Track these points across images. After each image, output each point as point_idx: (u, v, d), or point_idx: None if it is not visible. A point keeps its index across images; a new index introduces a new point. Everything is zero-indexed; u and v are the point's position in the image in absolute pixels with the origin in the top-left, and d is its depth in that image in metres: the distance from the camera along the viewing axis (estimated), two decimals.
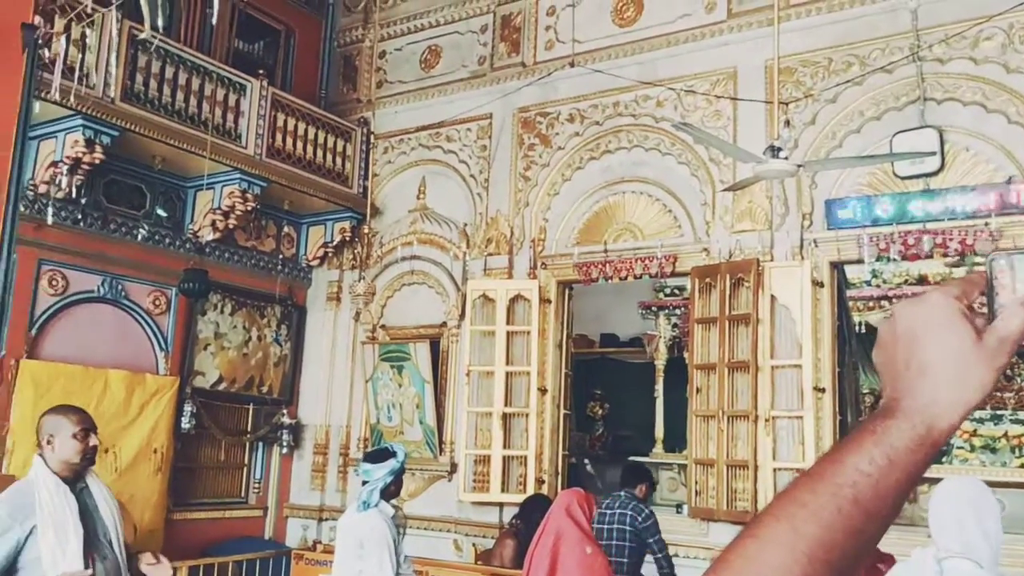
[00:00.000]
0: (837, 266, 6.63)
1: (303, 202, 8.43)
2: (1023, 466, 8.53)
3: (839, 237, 6.39)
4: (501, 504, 7.36)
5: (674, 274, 7.27)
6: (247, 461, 8.58)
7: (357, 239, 8.74)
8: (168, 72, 7.08)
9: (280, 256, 8.70)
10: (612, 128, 7.51)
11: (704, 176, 6.97)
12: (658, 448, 10.26)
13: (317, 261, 8.93)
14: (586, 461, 10.91)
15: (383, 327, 8.55)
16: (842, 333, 6.77)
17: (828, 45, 6.63)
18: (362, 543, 4.11)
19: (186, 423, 7.63)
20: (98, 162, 6.62)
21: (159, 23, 4.76)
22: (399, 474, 4.29)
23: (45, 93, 5.67)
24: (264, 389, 8.56)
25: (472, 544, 7.37)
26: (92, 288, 7.18)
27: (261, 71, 7.95)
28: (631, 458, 9.67)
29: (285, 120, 8.04)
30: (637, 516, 5.30)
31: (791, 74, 6.67)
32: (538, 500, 5.74)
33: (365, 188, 8.70)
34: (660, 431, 10.35)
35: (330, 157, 8.46)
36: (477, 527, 7.50)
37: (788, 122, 5.95)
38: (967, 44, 6.07)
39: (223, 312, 8.19)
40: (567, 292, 7.79)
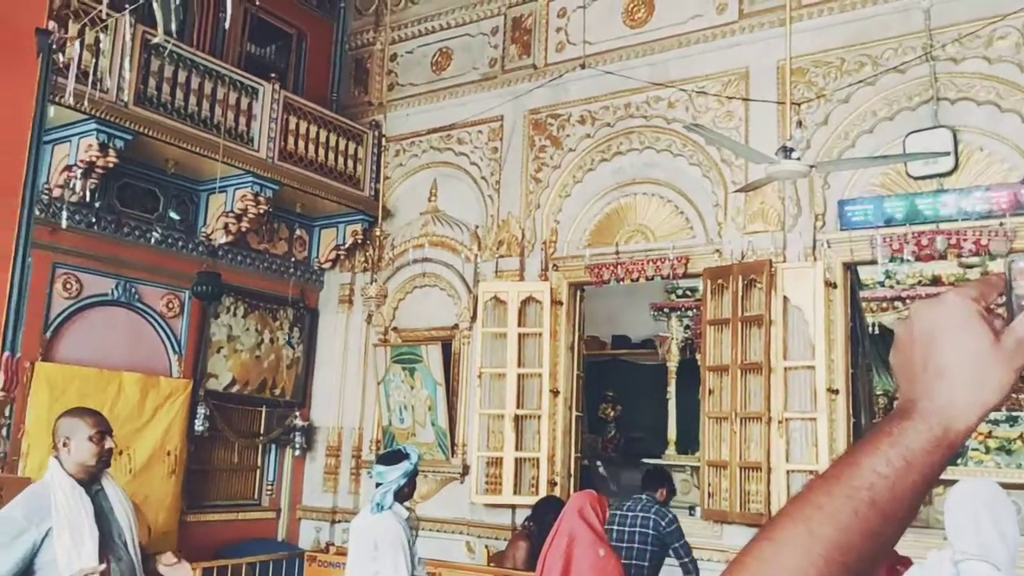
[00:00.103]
0: (850, 267, 6.59)
1: (315, 205, 8.46)
2: None
3: (852, 238, 6.35)
4: (513, 506, 7.36)
5: (686, 275, 7.24)
6: (260, 463, 8.62)
7: (369, 242, 8.77)
8: (181, 76, 7.12)
9: (292, 259, 8.74)
10: (623, 129, 7.49)
11: (716, 177, 6.95)
12: (670, 450, 10.23)
13: (329, 264, 8.95)
14: (598, 463, 10.90)
15: (395, 329, 8.56)
16: (855, 334, 6.73)
17: (840, 45, 6.60)
18: (376, 545, 4.11)
19: (199, 425, 7.66)
20: (112, 166, 6.66)
21: (172, 27, 4.79)
22: (413, 476, 4.30)
23: (59, 97, 5.70)
24: (277, 391, 8.58)
25: (484, 546, 7.37)
26: (106, 291, 7.22)
27: (273, 75, 7.98)
28: (644, 460, 9.68)
29: (297, 123, 8.07)
30: (661, 521, 5.24)
31: (803, 74, 6.65)
32: (551, 502, 5.72)
33: (377, 191, 8.72)
34: (672, 433, 10.32)
35: (342, 160, 8.48)
36: (489, 529, 7.50)
37: (800, 123, 5.93)
38: (981, 43, 6.03)
39: (236, 315, 8.22)
40: (579, 294, 7.78)
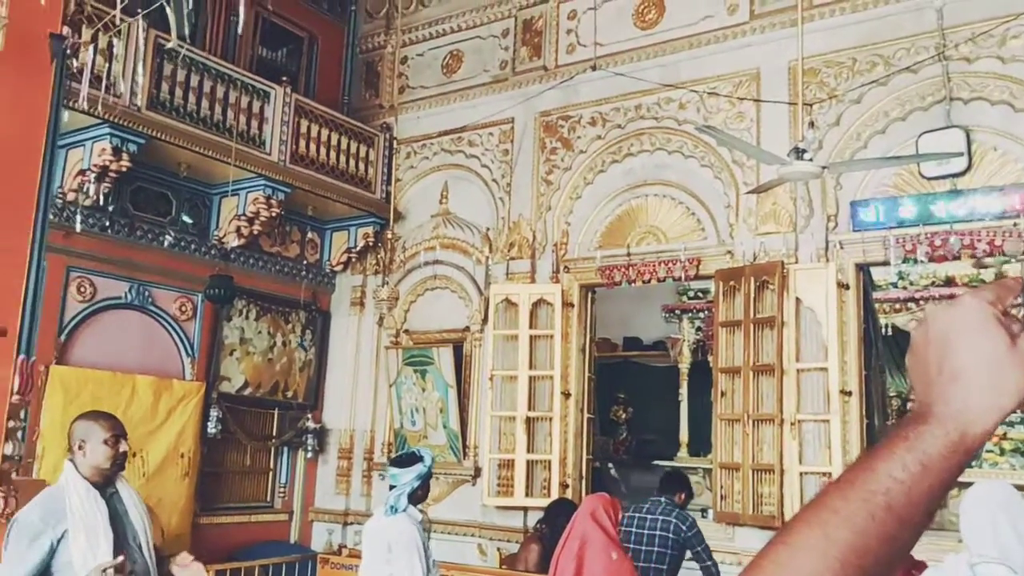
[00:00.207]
0: (863, 268, 6.56)
1: (327, 208, 8.48)
2: None
3: (864, 239, 6.32)
4: (525, 508, 7.36)
5: (698, 277, 7.21)
6: (272, 466, 8.64)
7: (380, 244, 8.78)
8: (193, 80, 7.16)
9: (304, 262, 8.76)
10: (634, 131, 7.48)
11: (727, 178, 6.93)
12: (683, 452, 10.21)
13: (341, 266, 8.97)
14: (610, 465, 10.89)
15: (406, 332, 8.58)
16: (868, 336, 6.69)
17: (852, 45, 6.57)
18: (390, 547, 4.11)
19: (212, 428, 7.69)
20: (125, 170, 6.70)
21: (185, 32, 4.81)
22: (426, 478, 4.30)
23: (73, 102, 5.73)
24: (289, 394, 8.61)
25: (497, 548, 7.37)
26: (119, 295, 7.25)
27: (285, 78, 8.00)
28: (656, 462, 9.67)
29: (308, 126, 8.09)
30: (682, 525, 5.21)
31: (815, 75, 6.62)
32: (563, 504, 5.70)
33: (388, 193, 8.74)
34: (684, 435, 10.30)
35: (353, 163, 8.50)
36: (501, 531, 7.50)
37: (812, 123, 5.91)
38: (994, 43, 6.00)
39: (248, 318, 8.25)
40: (590, 296, 7.77)
